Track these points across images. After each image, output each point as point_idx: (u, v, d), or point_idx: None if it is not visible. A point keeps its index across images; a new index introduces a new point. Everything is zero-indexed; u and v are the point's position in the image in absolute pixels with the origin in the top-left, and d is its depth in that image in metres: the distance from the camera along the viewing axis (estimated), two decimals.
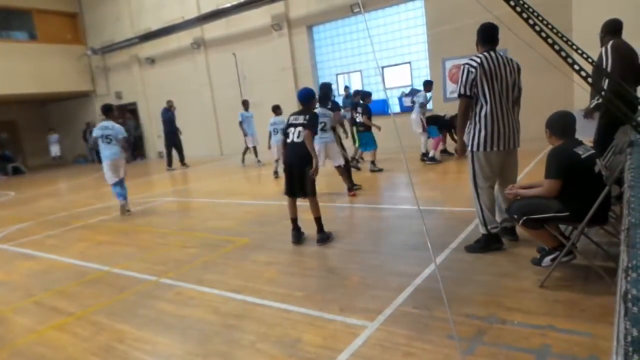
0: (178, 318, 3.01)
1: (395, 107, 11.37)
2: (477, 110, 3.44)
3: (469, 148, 3.51)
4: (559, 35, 3.30)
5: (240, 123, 10.87)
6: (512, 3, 2.31)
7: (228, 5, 12.75)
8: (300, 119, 4.24)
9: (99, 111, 7.33)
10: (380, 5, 10.86)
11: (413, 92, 9.82)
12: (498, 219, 3.59)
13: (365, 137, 8.26)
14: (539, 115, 4.26)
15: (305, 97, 4.39)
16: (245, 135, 11.03)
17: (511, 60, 3.50)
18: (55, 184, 12.60)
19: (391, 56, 11.29)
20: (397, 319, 2.62)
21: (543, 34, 2.34)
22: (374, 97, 11.78)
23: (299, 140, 4.17)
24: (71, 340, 2.86)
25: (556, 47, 2.33)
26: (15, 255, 5.21)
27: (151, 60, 16.04)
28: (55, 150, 18.52)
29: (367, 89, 11.93)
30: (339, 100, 11.92)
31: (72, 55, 17.37)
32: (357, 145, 8.83)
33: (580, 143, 2.82)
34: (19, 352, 2.79)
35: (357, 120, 8.36)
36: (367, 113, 8.10)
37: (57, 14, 17.36)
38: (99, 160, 6.91)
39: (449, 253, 3.58)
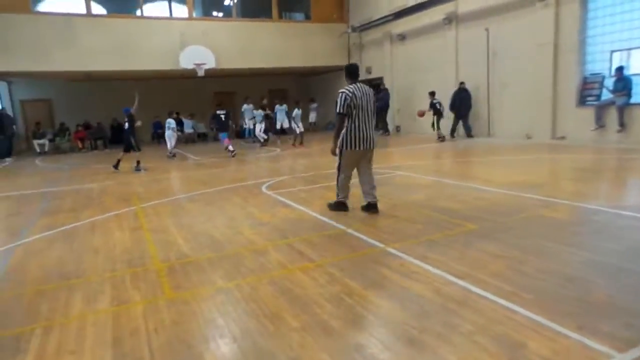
0: (400, 288, 3.17)
1: None
2: (349, 122, 4.98)
3: (341, 147, 5.10)
4: None
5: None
6: None
7: None
8: None
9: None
10: None
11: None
12: (367, 198, 5.30)
13: None
14: None
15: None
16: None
17: (367, 87, 5.08)
18: (310, 146, 14.63)
19: None
20: None
21: None
22: None
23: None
24: (311, 283, 3.36)
25: None
26: (277, 202, 6.36)
27: (402, 37, 16.61)
28: (313, 116, 21.31)
29: None
30: (609, 83, 10.05)
31: (335, 33, 19.45)
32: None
33: None
34: (273, 281, 3.44)
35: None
36: None
37: None
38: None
39: None
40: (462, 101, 13.41)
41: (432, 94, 13.71)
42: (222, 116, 13.18)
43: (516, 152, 10.07)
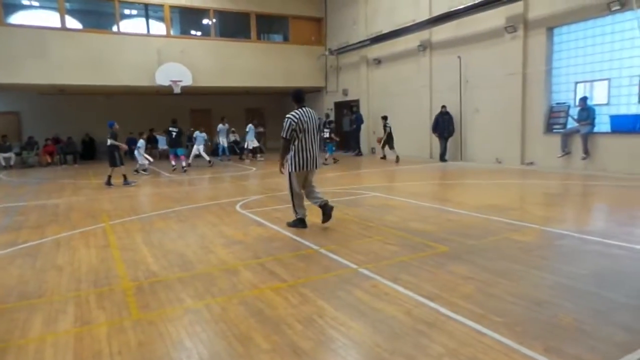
0: (371, 309, 3.16)
1: None
2: (297, 144, 5.43)
3: (290, 169, 5.53)
4: None
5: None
6: None
7: (461, 7, 12.48)
8: None
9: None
10: None
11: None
12: (315, 203, 5.65)
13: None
14: None
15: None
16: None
17: (312, 111, 5.62)
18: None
19: None
20: None
21: None
22: (624, 110, 10.02)
23: None
24: (282, 303, 3.32)
25: None
26: (250, 221, 6.30)
27: (378, 61, 16.98)
28: None
29: (614, 101, 10.12)
30: (574, 113, 10.54)
31: (313, 55, 19.73)
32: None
33: None
34: (244, 301, 3.38)
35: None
36: None
37: (307, 19, 19.96)
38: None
39: None
40: (444, 124, 13.64)
41: (385, 118, 14.82)
42: (173, 133, 13.67)
43: (487, 177, 10.33)
